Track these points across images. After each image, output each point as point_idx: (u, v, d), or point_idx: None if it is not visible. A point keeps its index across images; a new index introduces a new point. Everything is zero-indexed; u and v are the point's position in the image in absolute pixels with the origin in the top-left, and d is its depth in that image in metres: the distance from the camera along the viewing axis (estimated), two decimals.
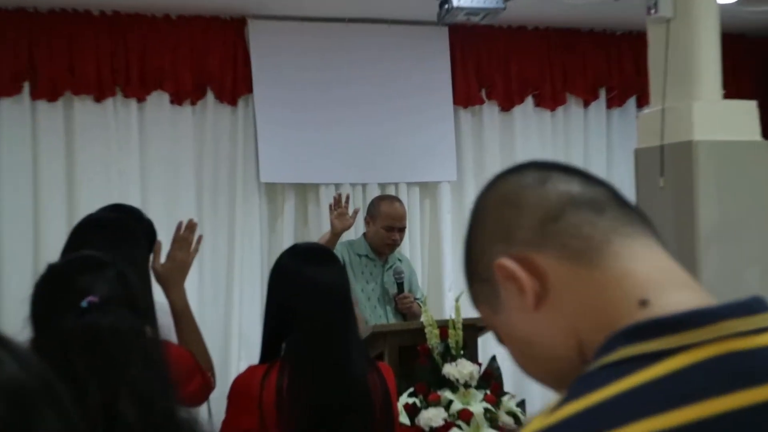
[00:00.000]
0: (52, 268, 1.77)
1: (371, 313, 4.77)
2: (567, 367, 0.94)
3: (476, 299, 1.04)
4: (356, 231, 5.30)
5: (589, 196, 0.97)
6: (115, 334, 1.57)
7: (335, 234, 4.60)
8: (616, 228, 0.95)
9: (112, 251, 2.30)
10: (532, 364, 1.01)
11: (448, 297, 6.32)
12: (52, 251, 2.89)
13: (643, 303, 0.90)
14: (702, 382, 0.83)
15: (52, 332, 1.59)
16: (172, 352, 2.49)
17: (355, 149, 6.29)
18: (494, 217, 1.00)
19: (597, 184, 1.00)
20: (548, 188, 0.98)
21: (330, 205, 4.72)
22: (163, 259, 2.74)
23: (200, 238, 2.81)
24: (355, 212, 4.72)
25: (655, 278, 0.93)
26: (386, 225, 4.83)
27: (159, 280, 2.70)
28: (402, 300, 4.81)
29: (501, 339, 1.03)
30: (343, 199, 4.72)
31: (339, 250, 4.77)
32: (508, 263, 0.96)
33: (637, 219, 0.98)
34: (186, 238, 2.77)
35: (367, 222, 4.99)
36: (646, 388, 0.83)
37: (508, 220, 0.98)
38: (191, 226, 2.79)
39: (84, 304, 1.59)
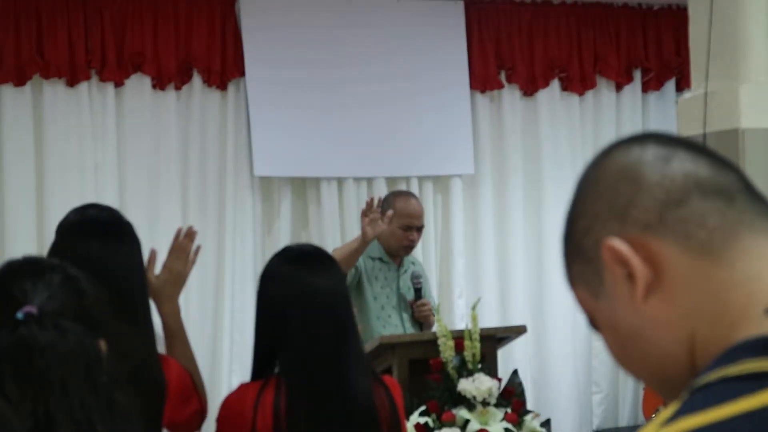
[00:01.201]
0: None
1: (385, 322, 4.76)
2: (673, 367, 0.95)
3: (573, 280, 1.04)
4: None
5: (718, 182, 0.97)
6: (53, 352, 1.50)
7: (366, 242, 4.59)
8: (747, 221, 0.95)
9: (113, 254, 2.40)
10: (632, 360, 1.00)
11: (458, 305, 6.32)
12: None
13: None
14: None
15: None
16: (173, 371, 2.50)
17: (359, 139, 6.29)
18: (608, 191, 0.99)
19: (726, 168, 0.99)
20: (673, 167, 0.98)
21: (363, 211, 4.70)
22: (157, 269, 2.75)
23: (198, 248, 2.82)
24: (388, 217, 4.67)
25: None
26: (404, 224, 4.82)
27: (151, 293, 2.70)
28: (420, 307, 4.80)
29: (597, 327, 1.03)
30: (375, 203, 4.70)
31: None
32: (620, 246, 0.96)
33: None
34: (184, 247, 2.78)
35: None
36: None
37: (624, 196, 0.98)
38: (190, 234, 2.81)
39: (19, 315, 1.52)
